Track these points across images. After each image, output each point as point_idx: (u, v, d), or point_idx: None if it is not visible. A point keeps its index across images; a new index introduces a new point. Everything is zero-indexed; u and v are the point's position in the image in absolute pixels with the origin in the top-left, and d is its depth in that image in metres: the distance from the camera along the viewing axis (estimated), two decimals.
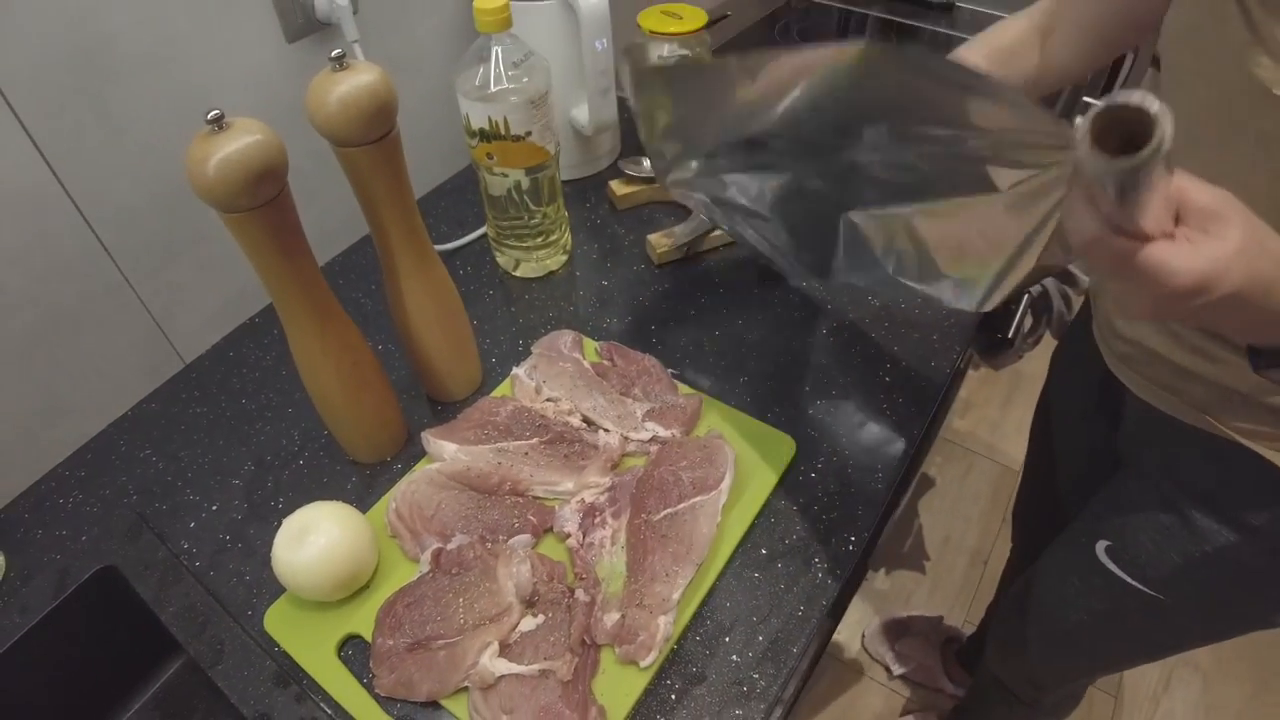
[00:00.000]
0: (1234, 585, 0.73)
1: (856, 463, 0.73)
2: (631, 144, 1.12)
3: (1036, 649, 1.02)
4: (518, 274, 0.92)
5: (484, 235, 0.95)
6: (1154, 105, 0.35)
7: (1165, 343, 0.67)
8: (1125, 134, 0.36)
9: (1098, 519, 0.83)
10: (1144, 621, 0.83)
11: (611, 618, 0.59)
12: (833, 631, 1.46)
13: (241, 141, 0.51)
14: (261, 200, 0.53)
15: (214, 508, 0.72)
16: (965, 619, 1.71)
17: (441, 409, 0.79)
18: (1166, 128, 0.34)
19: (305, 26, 0.82)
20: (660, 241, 0.93)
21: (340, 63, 0.56)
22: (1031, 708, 1.13)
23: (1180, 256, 0.40)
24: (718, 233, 0.95)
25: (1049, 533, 0.96)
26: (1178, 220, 0.42)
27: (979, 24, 1.50)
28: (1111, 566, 0.81)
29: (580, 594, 0.60)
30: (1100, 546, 0.82)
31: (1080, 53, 0.73)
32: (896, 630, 1.65)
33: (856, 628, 1.67)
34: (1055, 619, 0.95)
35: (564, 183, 1.06)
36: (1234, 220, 0.41)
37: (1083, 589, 0.87)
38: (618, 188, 1.02)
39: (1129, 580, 0.79)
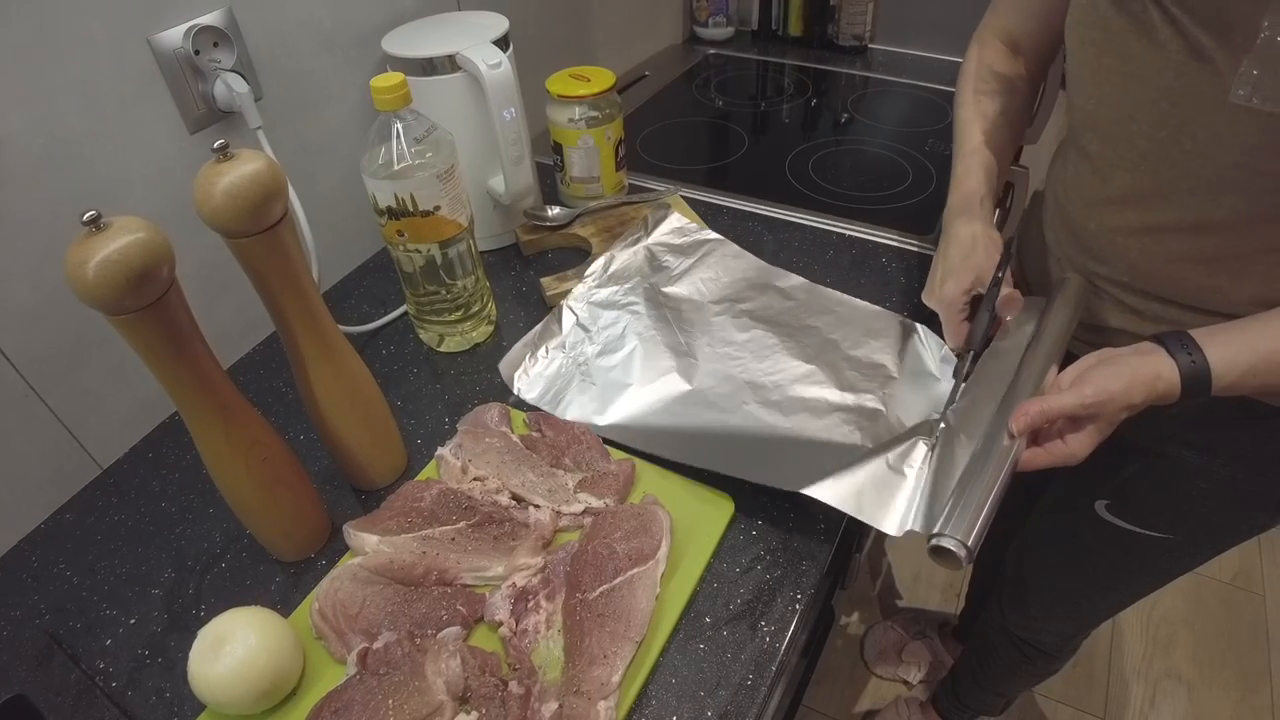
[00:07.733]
0: (1234, 507, 0.79)
1: (798, 515, 0.71)
2: (549, 199, 1.12)
3: (1052, 608, 1.06)
4: (442, 349, 0.90)
5: (406, 313, 0.93)
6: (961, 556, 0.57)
7: (1128, 320, 0.73)
8: None
9: (1090, 481, 0.87)
10: (1157, 559, 0.88)
11: (549, 708, 0.56)
12: (808, 675, 1.43)
13: (121, 241, 0.49)
14: (147, 300, 0.51)
15: (132, 621, 0.68)
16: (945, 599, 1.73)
17: (366, 498, 0.76)
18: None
19: (207, 116, 0.80)
20: (551, 284, 0.95)
21: (224, 153, 0.55)
22: (1041, 652, 1.16)
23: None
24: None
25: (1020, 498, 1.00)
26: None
27: (893, 65, 1.53)
28: (1117, 521, 0.85)
29: (514, 686, 0.57)
30: (1100, 506, 0.86)
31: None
32: (895, 642, 1.63)
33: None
34: (1067, 580, 1.00)
35: (486, 252, 1.05)
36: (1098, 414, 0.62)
37: (1091, 548, 0.92)
38: (522, 233, 1.04)
39: (1136, 530, 0.84)
